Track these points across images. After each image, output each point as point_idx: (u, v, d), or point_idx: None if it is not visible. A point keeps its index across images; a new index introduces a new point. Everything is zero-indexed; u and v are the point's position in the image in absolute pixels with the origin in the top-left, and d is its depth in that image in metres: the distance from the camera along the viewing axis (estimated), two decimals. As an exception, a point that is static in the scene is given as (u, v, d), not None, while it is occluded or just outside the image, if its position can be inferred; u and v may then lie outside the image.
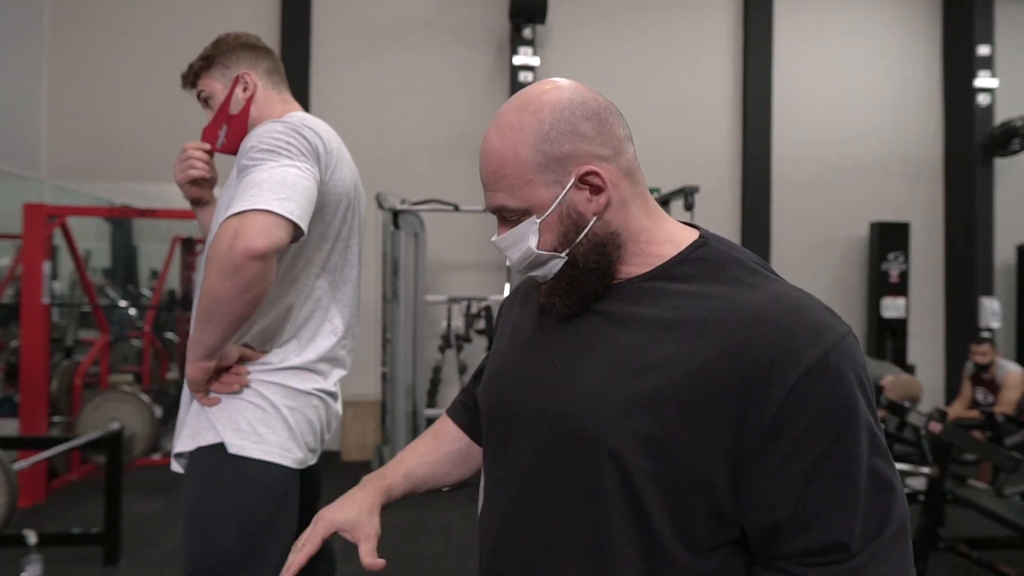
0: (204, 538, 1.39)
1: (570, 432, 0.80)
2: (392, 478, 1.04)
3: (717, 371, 0.74)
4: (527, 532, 0.84)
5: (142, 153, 5.86)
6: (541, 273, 0.86)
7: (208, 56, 1.58)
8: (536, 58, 5.94)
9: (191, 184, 1.63)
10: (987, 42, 6.35)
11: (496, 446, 0.92)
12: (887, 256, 6.17)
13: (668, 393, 0.75)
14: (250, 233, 1.22)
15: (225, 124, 1.57)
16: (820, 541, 0.72)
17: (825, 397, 0.71)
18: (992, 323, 6.14)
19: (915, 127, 6.59)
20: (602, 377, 0.79)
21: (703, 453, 0.74)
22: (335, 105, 5.89)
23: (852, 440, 0.72)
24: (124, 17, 5.95)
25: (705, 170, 6.08)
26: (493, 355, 1.00)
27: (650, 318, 0.80)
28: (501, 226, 0.87)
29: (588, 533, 0.79)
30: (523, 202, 0.82)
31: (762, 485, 0.74)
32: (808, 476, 0.72)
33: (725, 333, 0.75)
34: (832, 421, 0.71)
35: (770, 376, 0.72)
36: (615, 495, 0.77)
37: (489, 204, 0.86)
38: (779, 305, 0.76)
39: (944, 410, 3.25)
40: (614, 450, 0.76)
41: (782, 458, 0.72)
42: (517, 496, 0.86)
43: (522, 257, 0.85)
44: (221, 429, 1.40)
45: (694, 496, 0.75)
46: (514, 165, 0.82)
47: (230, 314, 1.28)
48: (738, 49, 6.40)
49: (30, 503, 4.09)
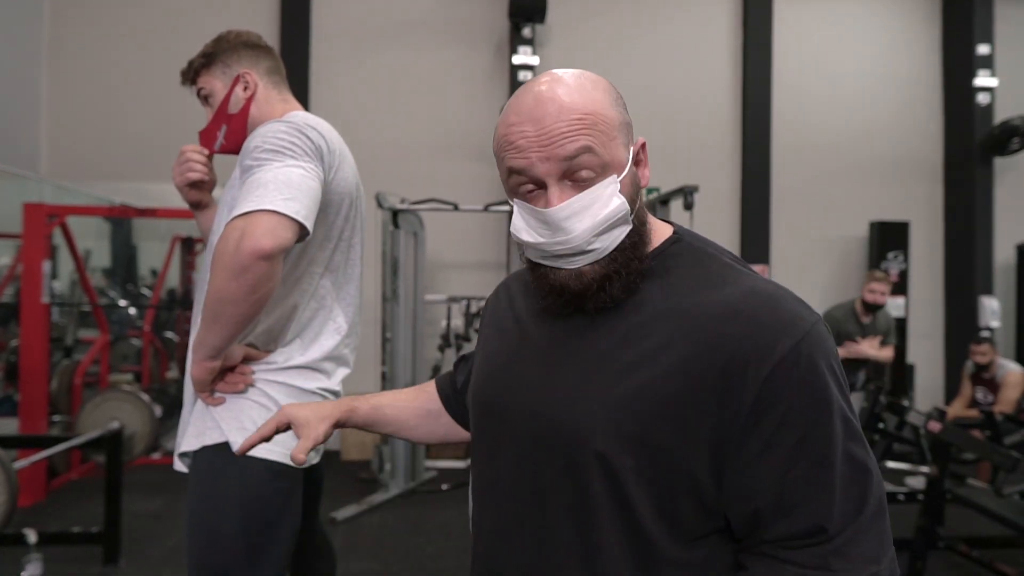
0: (208, 536, 1.39)
1: (556, 434, 0.80)
2: (360, 403, 1.09)
3: (694, 367, 0.75)
4: (520, 534, 0.85)
5: (142, 152, 5.86)
6: (603, 244, 0.78)
7: (209, 54, 1.58)
8: (535, 57, 5.94)
9: (190, 187, 1.63)
10: (987, 41, 6.35)
11: (486, 448, 0.91)
12: (887, 255, 6.17)
13: (649, 392, 0.76)
14: (256, 233, 1.23)
15: (224, 124, 1.57)
16: (800, 526, 0.73)
17: (799, 385, 0.73)
18: (992, 322, 6.14)
19: (915, 126, 6.59)
20: (584, 378, 0.80)
21: (685, 448, 0.75)
22: (334, 104, 5.89)
23: (826, 426, 0.74)
24: (124, 16, 5.95)
25: (704, 170, 6.08)
26: (483, 356, 0.99)
27: (629, 315, 0.81)
28: (559, 192, 0.78)
29: (579, 533, 0.79)
30: (608, 155, 0.78)
31: (742, 474, 0.75)
32: (786, 463, 0.74)
33: (701, 329, 0.76)
34: (807, 408, 0.73)
35: (746, 369, 0.73)
36: (602, 494, 0.78)
37: (562, 152, 0.76)
38: (753, 299, 0.77)
39: (943, 409, 3.26)
40: (600, 451, 0.77)
41: (761, 446, 0.74)
42: (508, 498, 0.86)
43: (605, 218, 0.77)
44: (226, 428, 1.41)
45: (679, 490, 0.77)
46: (602, 115, 0.78)
47: (236, 314, 1.28)
48: (737, 49, 6.40)
49: (30, 502, 4.09)
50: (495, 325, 0.99)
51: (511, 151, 0.79)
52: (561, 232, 0.78)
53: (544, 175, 0.78)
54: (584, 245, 0.78)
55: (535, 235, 0.80)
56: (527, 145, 0.77)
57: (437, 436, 1.15)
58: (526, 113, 0.78)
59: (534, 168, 0.78)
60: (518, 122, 0.79)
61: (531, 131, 0.77)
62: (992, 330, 6.10)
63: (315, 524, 1.78)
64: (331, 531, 2.90)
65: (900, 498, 3.44)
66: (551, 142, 0.76)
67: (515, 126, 0.79)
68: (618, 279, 0.80)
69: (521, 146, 0.78)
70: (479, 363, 0.99)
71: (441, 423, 1.13)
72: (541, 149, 0.77)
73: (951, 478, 3.33)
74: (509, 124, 0.80)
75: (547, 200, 0.78)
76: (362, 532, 3.84)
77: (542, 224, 0.79)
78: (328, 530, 1.92)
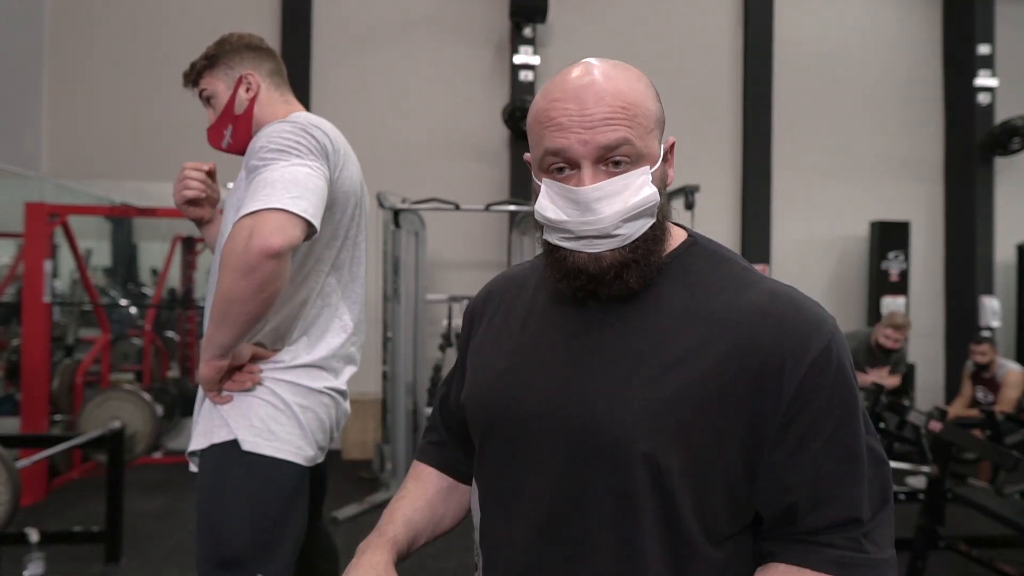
0: (216, 533, 1.40)
1: (596, 437, 0.79)
2: (391, 529, 0.95)
3: (730, 368, 0.77)
4: (551, 542, 0.82)
5: (142, 152, 5.87)
6: (629, 231, 0.79)
7: (212, 56, 1.58)
8: (536, 57, 5.94)
9: (188, 204, 1.63)
10: (987, 41, 6.34)
11: (501, 456, 0.88)
12: (887, 255, 6.17)
13: (688, 392, 0.77)
14: (265, 232, 1.23)
15: (231, 124, 1.58)
16: (835, 518, 0.77)
17: (832, 384, 0.76)
18: (992, 322, 6.14)
19: (915, 126, 6.59)
20: (621, 379, 0.79)
21: (722, 447, 0.77)
22: (335, 104, 5.89)
23: (853, 421, 0.78)
24: (124, 16, 5.95)
25: (705, 169, 6.08)
26: (481, 362, 0.94)
27: (657, 315, 0.81)
28: (593, 174, 0.78)
29: (618, 536, 0.79)
30: (644, 147, 0.79)
31: (778, 470, 0.77)
32: (820, 458, 0.77)
33: (733, 331, 0.78)
34: (838, 405, 0.76)
35: (782, 369, 0.76)
36: (646, 496, 0.78)
37: (602, 140, 0.77)
38: (777, 301, 0.80)
39: (944, 409, 3.25)
40: (646, 452, 0.77)
41: (796, 443, 0.77)
42: (534, 507, 0.83)
43: (635, 205, 0.77)
44: (234, 426, 1.41)
45: (715, 489, 0.78)
46: (643, 108, 0.79)
47: (245, 313, 1.28)
48: (738, 48, 6.40)
49: (31, 501, 4.09)
50: (491, 329, 0.96)
51: (551, 127, 0.79)
52: (590, 212, 0.78)
53: (580, 156, 0.78)
54: (611, 229, 0.78)
55: (562, 214, 0.79)
56: (568, 124, 0.77)
57: (464, 509, 1.05)
58: (571, 91, 0.78)
59: (571, 148, 0.77)
60: (562, 98, 0.78)
61: (574, 109, 0.77)
62: (992, 330, 6.10)
63: (319, 523, 1.78)
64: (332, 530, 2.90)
65: (901, 497, 3.44)
66: (592, 126, 0.77)
67: (558, 102, 0.79)
68: (636, 268, 0.80)
69: (563, 124, 0.78)
70: (477, 370, 0.94)
71: (457, 495, 1.05)
72: (582, 131, 0.77)
73: (952, 478, 3.33)
74: (552, 99, 0.79)
75: (579, 179, 0.78)
76: (363, 531, 3.81)
77: (571, 203, 0.79)
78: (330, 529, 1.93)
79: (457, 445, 1.06)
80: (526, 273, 0.99)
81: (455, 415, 1.04)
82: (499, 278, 1.03)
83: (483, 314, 0.99)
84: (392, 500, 1.02)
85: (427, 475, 1.05)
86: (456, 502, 1.04)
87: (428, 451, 1.08)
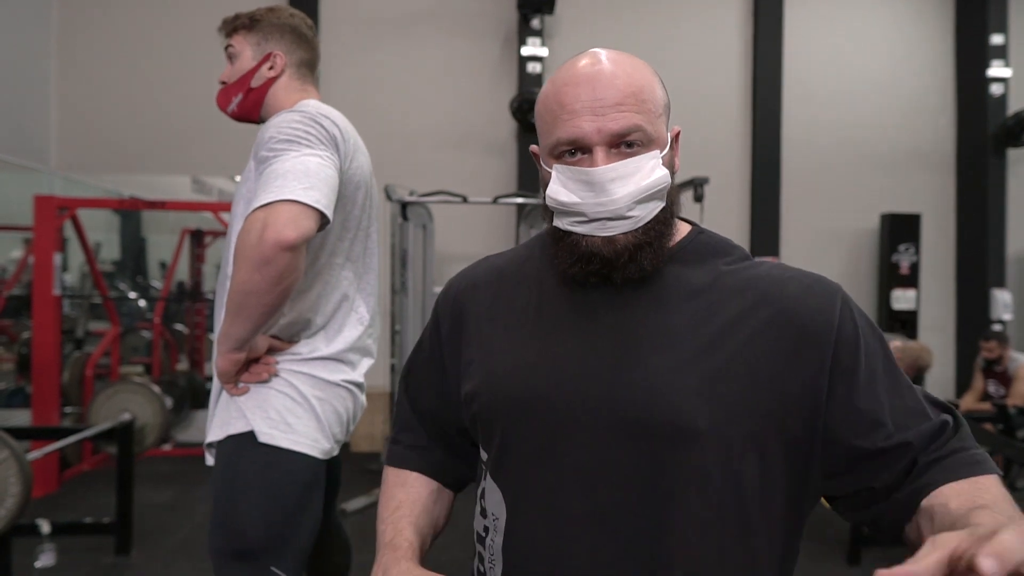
0: (230, 525, 1.39)
1: (650, 417, 0.77)
2: (407, 537, 0.92)
3: (771, 333, 0.79)
4: (600, 532, 0.79)
5: (151, 146, 5.87)
6: (641, 213, 0.80)
7: (255, 20, 1.56)
8: (544, 48, 5.91)
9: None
10: (1001, 31, 6.27)
11: (533, 450, 0.83)
12: (898, 247, 6.13)
13: (739, 362, 0.79)
14: (279, 224, 1.22)
15: (242, 93, 1.57)
16: (930, 429, 0.78)
17: (863, 329, 0.81)
18: (1003, 315, 6.09)
19: (927, 117, 6.53)
20: (669, 356, 0.79)
21: (783, 409, 0.78)
22: (343, 97, 5.87)
23: (889, 355, 0.83)
24: (133, 9, 5.94)
25: (715, 161, 6.04)
26: (490, 354, 0.89)
27: (687, 295, 0.83)
28: (605, 156, 0.78)
29: (688, 511, 0.77)
30: (654, 132, 0.81)
31: (848, 417, 0.78)
32: (887, 387, 0.80)
33: (764, 300, 0.81)
34: (874, 341, 0.82)
35: (818, 326, 0.79)
36: (712, 471, 0.77)
37: (614, 127, 0.78)
38: (788, 271, 0.85)
39: (956, 403, 3.23)
40: (706, 427, 0.77)
41: (865, 380, 0.79)
42: (580, 497, 0.80)
43: (647, 186, 0.78)
44: (251, 417, 1.40)
45: (778, 457, 0.79)
46: (651, 94, 0.81)
47: (260, 305, 1.27)
48: (748, 39, 6.35)
49: (43, 493, 4.12)
50: (493, 319, 0.91)
51: (563, 114, 0.80)
52: (604, 193, 0.78)
53: (593, 141, 0.79)
54: (624, 210, 0.79)
55: (575, 196, 0.80)
56: (580, 109, 0.78)
57: (448, 514, 1.04)
58: (583, 77, 0.80)
59: (584, 133, 0.79)
60: (573, 84, 0.80)
61: (585, 96, 0.78)
62: (1004, 323, 6.05)
63: (332, 516, 1.78)
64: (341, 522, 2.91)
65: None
66: (604, 112, 0.78)
67: (569, 87, 0.80)
68: (649, 250, 0.81)
69: (576, 110, 0.79)
70: (490, 363, 0.89)
71: (443, 498, 1.03)
72: (594, 117, 0.78)
73: (963, 471, 3.30)
74: (563, 84, 0.81)
75: (592, 161, 0.79)
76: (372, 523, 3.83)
77: (585, 185, 0.79)
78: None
79: (440, 447, 1.02)
80: (516, 261, 0.96)
81: (442, 415, 1.00)
82: (478, 268, 0.99)
83: (473, 306, 0.94)
84: (384, 510, 0.98)
85: (414, 481, 1.00)
86: (443, 506, 1.03)
87: (407, 456, 1.02)
